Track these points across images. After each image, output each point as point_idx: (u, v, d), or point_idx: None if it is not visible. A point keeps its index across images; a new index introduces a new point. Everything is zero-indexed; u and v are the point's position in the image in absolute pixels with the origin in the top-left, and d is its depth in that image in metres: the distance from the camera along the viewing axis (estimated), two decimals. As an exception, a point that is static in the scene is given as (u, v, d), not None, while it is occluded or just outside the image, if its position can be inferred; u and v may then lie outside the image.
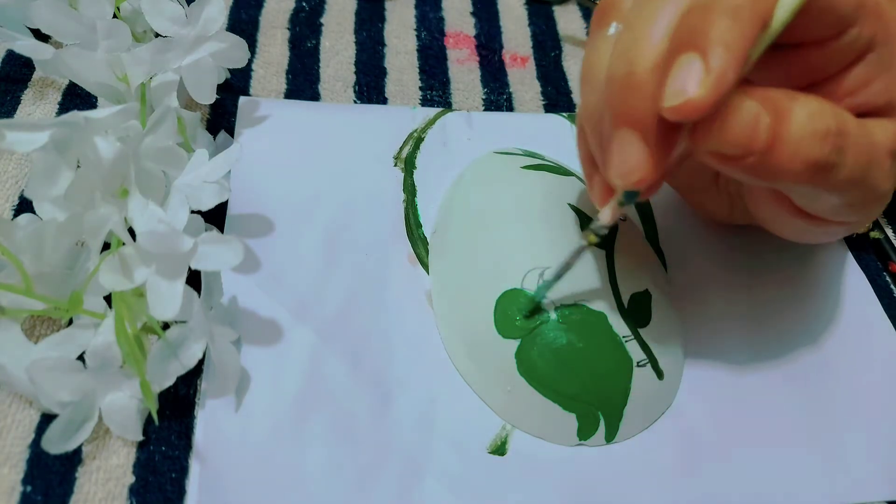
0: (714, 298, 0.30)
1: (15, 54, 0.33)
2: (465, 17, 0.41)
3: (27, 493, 0.22)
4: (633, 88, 0.19)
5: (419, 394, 0.26)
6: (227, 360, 0.24)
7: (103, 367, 0.22)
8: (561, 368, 0.25)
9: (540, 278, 0.26)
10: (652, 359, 0.26)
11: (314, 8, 0.39)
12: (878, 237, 0.33)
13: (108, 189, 0.24)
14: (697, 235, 0.32)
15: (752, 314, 0.30)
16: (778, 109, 0.19)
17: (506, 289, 0.26)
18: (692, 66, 0.18)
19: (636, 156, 0.20)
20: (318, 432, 0.24)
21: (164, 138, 0.25)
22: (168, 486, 0.23)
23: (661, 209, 0.32)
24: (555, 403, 0.25)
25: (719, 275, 0.31)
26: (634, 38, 0.20)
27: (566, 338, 0.25)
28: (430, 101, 0.36)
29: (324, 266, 0.28)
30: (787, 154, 0.19)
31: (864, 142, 0.21)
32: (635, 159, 0.20)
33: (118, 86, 0.28)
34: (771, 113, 0.19)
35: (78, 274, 0.24)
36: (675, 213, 0.32)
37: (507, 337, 0.26)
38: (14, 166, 0.30)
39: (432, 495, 0.24)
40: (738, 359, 0.28)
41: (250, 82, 0.35)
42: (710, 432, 0.26)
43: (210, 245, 0.23)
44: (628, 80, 0.19)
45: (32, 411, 0.24)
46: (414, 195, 0.31)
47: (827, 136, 0.19)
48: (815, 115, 0.19)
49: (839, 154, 0.20)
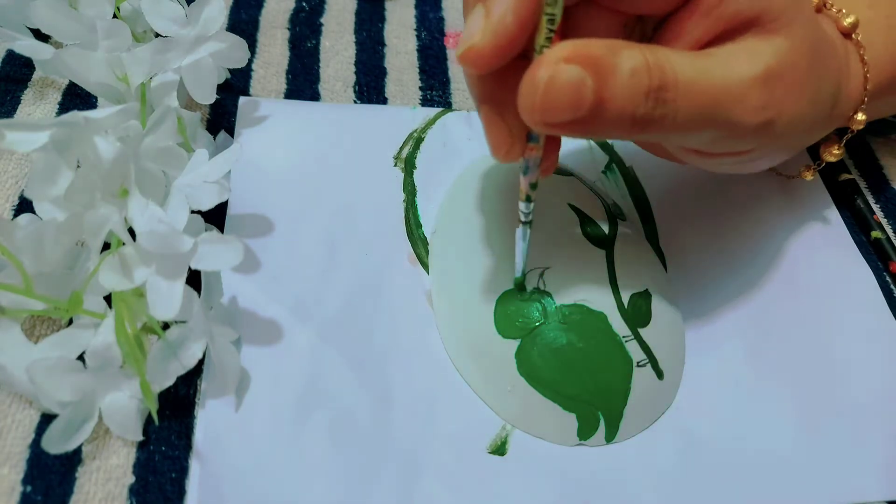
0: (714, 298, 0.30)
1: (15, 54, 0.33)
2: (465, 17, 0.41)
3: (27, 493, 0.22)
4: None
5: (419, 394, 0.26)
6: (227, 360, 0.24)
7: (103, 367, 0.22)
8: (561, 368, 0.25)
9: (540, 278, 0.26)
10: (652, 359, 0.26)
11: (314, 8, 0.39)
12: (878, 237, 0.33)
13: (108, 189, 0.24)
14: (697, 235, 0.32)
15: (752, 314, 0.30)
16: (600, 69, 0.19)
17: (506, 289, 0.26)
18: (477, 14, 0.19)
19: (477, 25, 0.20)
20: (318, 432, 0.24)
21: (164, 138, 0.25)
22: (168, 486, 0.23)
23: (662, 209, 0.32)
24: (555, 403, 0.25)
25: (719, 275, 0.31)
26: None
27: (566, 338, 0.25)
28: (430, 101, 0.36)
29: (324, 266, 0.28)
30: (613, 114, 0.19)
31: (700, 88, 0.20)
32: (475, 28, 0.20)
33: (118, 86, 0.28)
34: (593, 74, 0.19)
35: (78, 274, 0.24)
36: (675, 213, 0.32)
37: (507, 337, 0.26)
38: (14, 166, 0.30)
39: (432, 495, 0.24)
40: (738, 359, 0.28)
41: (250, 82, 0.35)
42: (710, 432, 0.26)
43: (210, 245, 0.23)
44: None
45: (32, 411, 0.24)
46: (414, 195, 0.31)
47: (649, 93, 0.19)
48: (639, 72, 0.19)
49: (665, 106, 0.20)
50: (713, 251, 0.31)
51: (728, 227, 0.32)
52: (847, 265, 0.32)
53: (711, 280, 0.30)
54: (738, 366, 0.28)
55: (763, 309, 0.30)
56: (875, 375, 0.29)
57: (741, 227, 0.32)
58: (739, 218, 0.32)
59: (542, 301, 0.26)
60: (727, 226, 0.32)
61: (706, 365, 0.28)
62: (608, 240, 0.28)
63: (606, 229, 0.28)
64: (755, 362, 0.28)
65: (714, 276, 0.30)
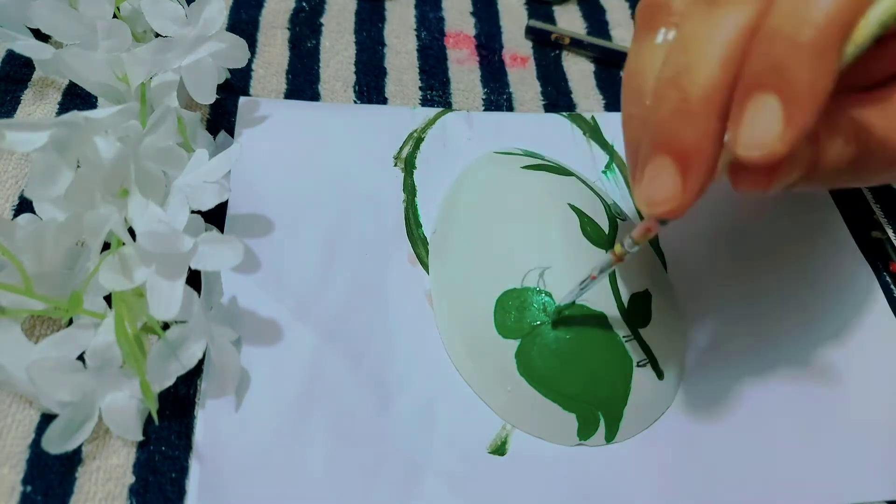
0: (714, 298, 0.30)
1: (15, 54, 0.33)
2: (465, 17, 0.41)
3: (27, 493, 0.22)
4: (684, 119, 0.18)
5: (419, 394, 0.26)
6: (227, 360, 0.24)
7: (103, 367, 0.22)
8: (561, 368, 0.25)
9: (540, 278, 0.26)
10: (652, 359, 0.26)
11: (314, 8, 0.39)
12: (878, 237, 0.33)
13: (108, 189, 0.24)
14: (697, 235, 0.32)
15: (752, 314, 0.30)
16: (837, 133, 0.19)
17: (506, 289, 0.26)
18: (770, 112, 0.16)
19: (669, 187, 0.18)
20: (318, 432, 0.24)
21: (164, 138, 0.25)
22: (168, 486, 0.23)
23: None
24: (555, 403, 0.25)
25: (719, 275, 0.31)
26: (689, 62, 0.18)
27: (566, 338, 0.25)
28: (430, 101, 0.36)
29: (324, 266, 0.28)
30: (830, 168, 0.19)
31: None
32: (668, 190, 0.19)
33: (118, 86, 0.28)
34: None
35: (78, 274, 0.24)
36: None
37: (507, 337, 0.26)
38: (14, 166, 0.30)
39: (432, 495, 0.24)
40: (738, 358, 0.28)
41: (250, 82, 0.35)
42: (710, 432, 0.26)
43: (210, 245, 0.23)
44: (679, 109, 0.18)
45: (32, 411, 0.24)
46: (414, 195, 0.31)
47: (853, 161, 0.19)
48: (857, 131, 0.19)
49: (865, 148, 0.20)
50: (713, 251, 0.31)
51: (728, 227, 0.32)
52: (847, 265, 0.32)
53: (711, 280, 0.30)
54: (738, 365, 0.28)
55: (763, 309, 0.30)
56: (875, 375, 0.29)
57: (741, 227, 0.32)
58: (739, 218, 0.32)
59: (542, 301, 0.26)
60: (727, 226, 0.32)
61: (706, 365, 0.28)
62: (608, 240, 0.28)
63: (606, 229, 0.28)
64: (755, 362, 0.28)
65: (714, 276, 0.30)
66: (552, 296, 0.26)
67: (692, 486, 0.25)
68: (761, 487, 0.25)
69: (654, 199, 0.19)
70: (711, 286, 0.30)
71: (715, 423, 0.27)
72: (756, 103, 0.17)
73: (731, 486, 0.25)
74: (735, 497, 0.25)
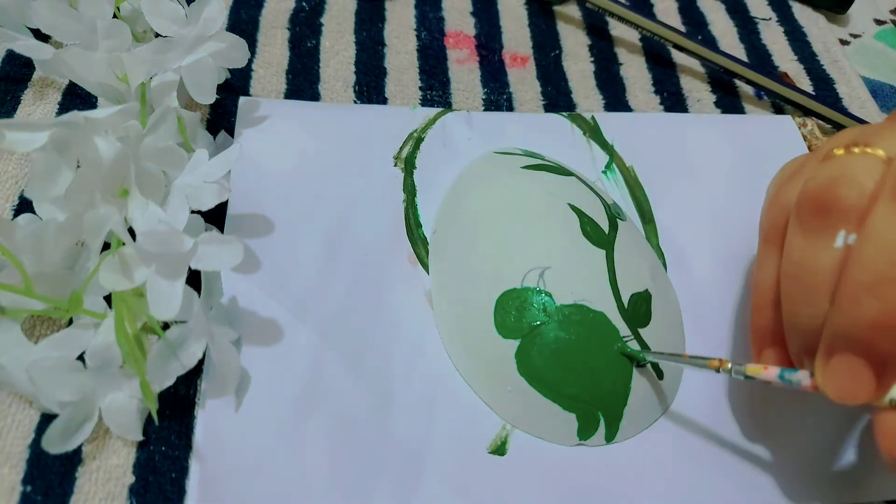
0: (714, 298, 0.30)
1: (15, 54, 0.33)
2: (465, 17, 0.41)
3: (27, 493, 0.22)
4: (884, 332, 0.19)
5: (419, 394, 0.26)
6: (227, 360, 0.24)
7: (103, 367, 0.22)
8: (561, 368, 0.25)
9: (540, 278, 0.26)
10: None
11: (314, 8, 0.39)
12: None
13: (108, 189, 0.24)
14: (697, 235, 0.32)
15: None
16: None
17: (506, 289, 0.26)
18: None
19: (864, 385, 0.20)
20: (318, 432, 0.24)
21: (164, 138, 0.25)
22: (168, 486, 0.23)
23: (661, 209, 0.32)
24: (555, 403, 0.25)
25: (719, 275, 0.31)
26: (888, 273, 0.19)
27: (566, 338, 0.25)
28: (430, 101, 0.36)
29: (324, 266, 0.28)
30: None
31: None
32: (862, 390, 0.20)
33: (118, 86, 0.28)
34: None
35: (78, 274, 0.24)
36: (675, 213, 0.32)
37: (507, 337, 0.26)
38: (14, 166, 0.30)
39: (432, 495, 0.24)
40: (739, 359, 0.28)
41: (250, 82, 0.35)
42: (710, 432, 0.26)
43: (210, 245, 0.23)
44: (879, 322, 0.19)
45: (32, 411, 0.24)
46: (414, 195, 0.31)
47: None
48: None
49: None
50: (713, 251, 0.31)
51: (728, 227, 0.32)
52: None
53: (711, 280, 0.30)
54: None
55: (763, 309, 0.30)
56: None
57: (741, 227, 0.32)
58: (740, 218, 0.32)
59: (542, 301, 0.26)
60: (727, 226, 0.32)
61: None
62: (608, 240, 0.28)
63: (606, 229, 0.28)
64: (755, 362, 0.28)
65: (714, 276, 0.30)
66: (552, 296, 0.26)
67: (692, 486, 0.25)
68: (761, 487, 0.25)
69: (846, 394, 0.20)
70: (711, 286, 0.30)
71: (714, 423, 0.27)
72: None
73: (730, 487, 0.25)
74: (735, 497, 0.25)
